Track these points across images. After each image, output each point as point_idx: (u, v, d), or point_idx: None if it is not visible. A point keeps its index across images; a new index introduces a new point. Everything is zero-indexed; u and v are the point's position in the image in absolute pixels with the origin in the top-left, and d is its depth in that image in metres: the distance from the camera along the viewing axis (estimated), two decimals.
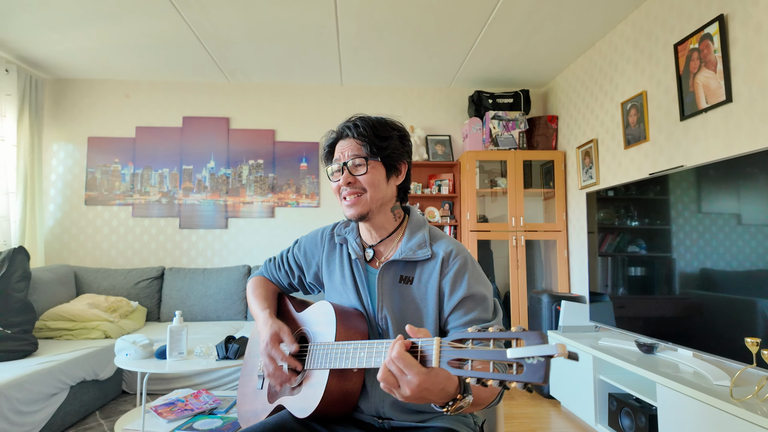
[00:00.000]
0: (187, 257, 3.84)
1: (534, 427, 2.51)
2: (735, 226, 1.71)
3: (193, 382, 2.87)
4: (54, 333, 2.86)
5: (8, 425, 1.96)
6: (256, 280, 1.30)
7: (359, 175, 1.06)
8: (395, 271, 1.07)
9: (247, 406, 1.20)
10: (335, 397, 0.98)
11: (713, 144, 2.17)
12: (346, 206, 1.08)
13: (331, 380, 0.97)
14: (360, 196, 1.06)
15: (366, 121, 1.09)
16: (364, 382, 1.03)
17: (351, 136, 1.08)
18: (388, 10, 2.77)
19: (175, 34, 3.07)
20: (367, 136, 1.06)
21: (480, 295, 1.02)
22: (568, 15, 2.81)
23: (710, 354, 1.78)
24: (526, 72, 3.73)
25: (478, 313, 1.01)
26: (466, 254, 1.07)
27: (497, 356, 0.67)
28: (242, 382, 1.26)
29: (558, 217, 3.65)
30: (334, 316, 1.02)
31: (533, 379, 0.63)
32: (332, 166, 1.10)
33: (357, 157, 1.06)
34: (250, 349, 1.29)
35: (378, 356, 0.88)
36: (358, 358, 0.91)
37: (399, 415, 1.03)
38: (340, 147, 1.09)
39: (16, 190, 3.31)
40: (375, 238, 1.12)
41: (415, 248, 1.06)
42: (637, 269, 2.29)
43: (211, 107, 3.95)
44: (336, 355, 0.96)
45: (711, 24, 2.14)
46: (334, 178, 1.10)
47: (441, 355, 0.74)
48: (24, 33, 3.03)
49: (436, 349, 0.75)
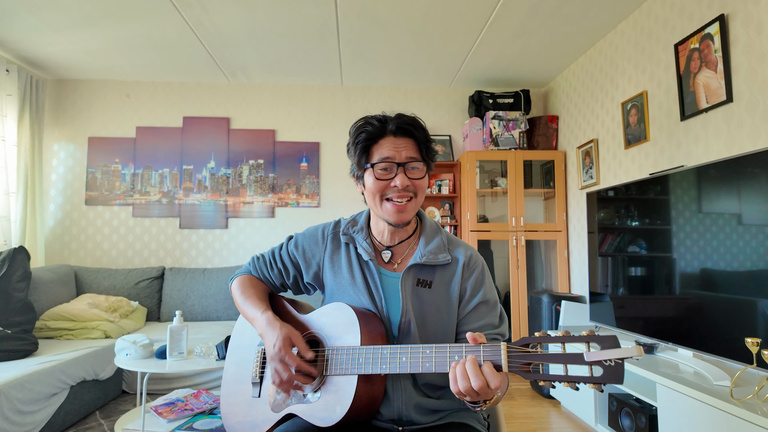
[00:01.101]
0: (187, 257, 3.84)
1: (534, 427, 2.51)
2: (736, 226, 1.71)
3: (193, 382, 2.87)
4: (54, 333, 2.86)
5: (9, 425, 1.96)
6: (243, 279, 1.19)
7: (416, 179, 1.02)
8: (414, 274, 1.05)
9: (238, 417, 1.09)
10: (364, 402, 0.94)
11: (714, 144, 2.17)
12: (392, 209, 1.02)
13: (360, 386, 0.93)
14: (410, 201, 1.02)
15: (419, 121, 1.05)
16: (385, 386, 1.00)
17: (409, 135, 1.03)
18: (388, 10, 2.77)
19: (176, 35, 3.07)
20: (426, 139, 1.04)
21: (493, 300, 1.07)
22: (569, 15, 2.81)
23: (710, 354, 1.77)
24: (527, 72, 3.73)
25: (490, 318, 1.05)
26: (482, 260, 1.11)
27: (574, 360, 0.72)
28: (228, 392, 1.14)
29: (558, 217, 3.65)
30: (356, 318, 0.98)
31: (613, 380, 0.68)
32: (379, 165, 1.01)
33: (416, 160, 1.02)
34: (232, 358, 1.18)
35: (427, 361, 0.87)
36: (399, 363, 0.90)
37: (421, 417, 1.01)
38: (393, 144, 1.02)
39: (16, 190, 3.31)
40: (395, 240, 1.10)
41: (435, 252, 1.05)
42: (638, 269, 2.29)
43: (211, 107, 3.95)
44: (365, 359, 0.92)
45: (712, 24, 2.13)
46: (382, 177, 1.02)
47: (510, 361, 0.78)
48: (25, 33, 3.03)
49: (504, 355, 0.78)
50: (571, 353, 0.73)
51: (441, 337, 1.04)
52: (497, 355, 0.79)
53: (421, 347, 0.88)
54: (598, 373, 0.69)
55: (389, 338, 1.03)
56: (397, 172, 1.00)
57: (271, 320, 1.03)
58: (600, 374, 0.69)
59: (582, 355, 0.71)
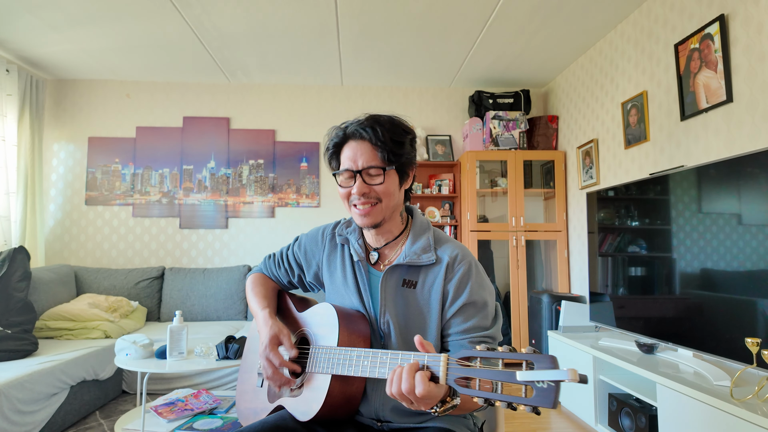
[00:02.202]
0: (187, 257, 3.84)
1: (534, 427, 2.51)
2: (736, 226, 1.71)
3: (193, 382, 2.87)
4: (54, 333, 2.86)
5: (9, 425, 1.96)
6: (255, 277, 1.26)
7: (375, 185, 1.00)
8: (399, 274, 1.05)
9: (246, 403, 1.19)
10: (337, 401, 0.97)
11: (714, 144, 2.17)
12: (357, 215, 1.03)
13: (333, 385, 0.96)
14: (374, 206, 1.01)
15: (383, 124, 1.00)
16: (365, 386, 1.02)
17: (366, 139, 1.00)
18: (388, 10, 2.76)
19: (176, 35, 3.07)
20: (385, 142, 0.99)
21: (481, 301, 1.02)
22: (569, 14, 2.81)
23: (710, 354, 1.77)
24: (527, 72, 3.73)
25: (478, 320, 1.00)
26: (471, 259, 1.05)
27: (506, 377, 0.69)
28: (241, 378, 1.25)
29: (558, 217, 3.65)
30: (337, 319, 1.00)
31: (543, 403, 0.63)
32: (342, 174, 1.01)
33: (373, 167, 0.99)
34: (250, 346, 1.27)
35: (382, 367, 0.87)
36: (361, 366, 0.91)
37: (398, 419, 1.02)
38: (352, 150, 1.00)
39: (16, 190, 3.31)
40: (380, 242, 1.10)
41: (419, 252, 1.03)
42: (638, 269, 2.29)
43: (211, 107, 3.95)
44: (338, 360, 0.95)
45: (712, 24, 2.13)
46: (344, 185, 1.03)
47: (448, 374, 0.76)
48: (25, 33, 3.03)
49: (443, 366, 0.77)
50: (505, 371, 0.70)
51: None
52: (437, 365, 0.78)
53: (381, 352, 0.89)
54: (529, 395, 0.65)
55: (376, 339, 1.04)
56: (356, 180, 1.00)
57: (266, 318, 1.09)
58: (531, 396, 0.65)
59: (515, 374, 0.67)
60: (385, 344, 1.03)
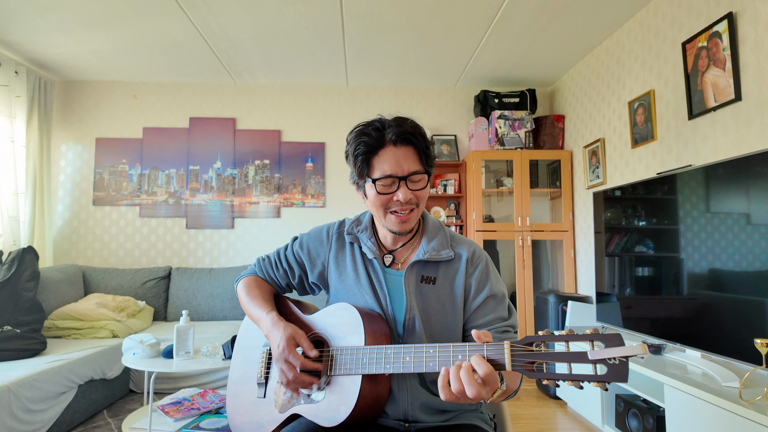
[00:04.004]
0: (194, 257, 3.86)
1: (541, 427, 2.50)
2: (744, 225, 1.69)
3: (199, 381, 2.89)
4: (62, 332, 2.89)
5: (18, 423, 1.98)
6: (249, 281, 1.19)
7: (418, 191, 1.00)
8: (417, 271, 1.05)
9: (245, 417, 1.09)
10: (368, 402, 0.94)
11: (722, 143, 2.15)
12: (397, 221, 1.02)
13: (364, 386, 0.93)
14: (412, 212, 1.02)
15: (418, 128, 1.02)
16: (390, 385, 1.00)
17: (411, 144, 1.00)
18: (393, 10, 2.76)
19: (183, 36, 3.09)
20: (427, 147, 1.01)
21: (501, 294, 1.07)
22: (575, 13, 2.80)
23: (719, 355, 1.76)
24: (533, 71, 3.71)
25: (499, 311, 1.05)
26: (486, 254, 1.11)
27: (578, 358, 0.72)
28: (234, 392, 1.15)
29: (564, 217, 3.63)
30: (360, 319, 0.98)
31: (618, 378, 0.68)
32: (382, 180, 0.99)
33: (418, 172, 1.00)
34: (243, 357, 1.18)
35: (431, 361, 0.86)
36: (402, 363, 0.89)
37: (427, 417, 1.01)
38: (393, 156, 0.99)
39: (25, 191, 3.34)
40: (398, 243, 1.10)
41: (438, 248, 1.06)
42: (645, 269, 2.27)
43: (217, 108, 3.97)
44: (369, 359, 0.92)
45: (720, 22, 2.11)
46: (383, 191, 1.00)
47: (513, 360, 0.77)
48: (34, 36, 3.06)
49: (507, 354, 0.77)
50: (574, 352, 0.73)
51: (446, 334, 1.04)
52: (501, 354, 0.78)
53: (425, 347, 0.88)
54: (602, 372, 0.69)
55: (394, 337, 1.02)
56: (399, 186, 0.99)
57: (275, 321, 1.04)
58: (604, 373, 0.68)
59: (586, 354, 0.71)
60: (405, 342, 1.02)
